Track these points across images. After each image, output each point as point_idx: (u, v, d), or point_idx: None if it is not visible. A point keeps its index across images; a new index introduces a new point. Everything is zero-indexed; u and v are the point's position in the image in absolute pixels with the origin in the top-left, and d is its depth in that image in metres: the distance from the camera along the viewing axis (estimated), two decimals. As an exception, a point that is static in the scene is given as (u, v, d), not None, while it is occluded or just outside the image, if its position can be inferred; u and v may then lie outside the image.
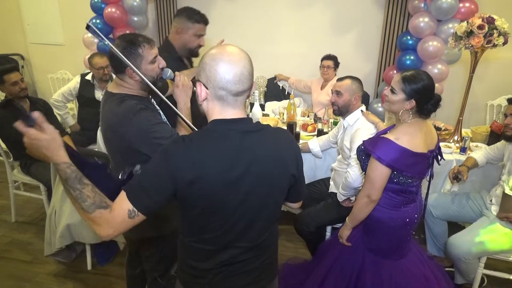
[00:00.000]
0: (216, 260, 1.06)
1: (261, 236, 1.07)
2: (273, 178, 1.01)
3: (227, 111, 0.98)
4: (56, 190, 2.21)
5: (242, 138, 0.97)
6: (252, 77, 0.99)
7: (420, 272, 1.67)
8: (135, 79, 1.37)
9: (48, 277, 2.35)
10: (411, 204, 1.60)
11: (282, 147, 1.03)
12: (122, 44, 1.33)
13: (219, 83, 0.94)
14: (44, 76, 4.71)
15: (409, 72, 1.51)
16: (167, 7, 4.15)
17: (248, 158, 0.96)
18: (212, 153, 0.94)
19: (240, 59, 0.96)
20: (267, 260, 1.14)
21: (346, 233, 1.72)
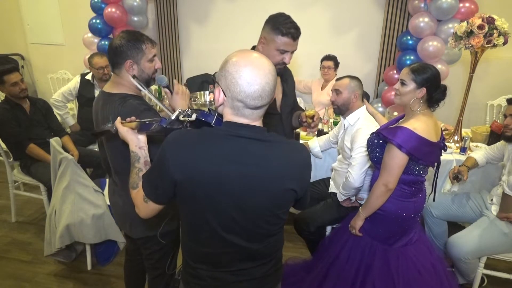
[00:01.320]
0: (214, 264, 1.06)
1: (260, 245, 1.05)
2: (267, 190, 0.96)
3: (240, 119, 0.96)
4: (56, 190, 2.21)
5: (242, 144, 0.94)
6: (273, 92, 0.94)
7: (428, 261, 1.69)
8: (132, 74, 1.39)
9: (48, 277, 2.34)
10: (420, 194, 1.68)
11: (285, 161, 0.98)
12: (127, 36, 1.38)
13: (237, 95, 0.91)
14: (44, 76, 4.71)
15: (416, 64, 1.62)
16: (167, 7, 4.15)
17: (242, 165, 0.94)
18: (206, 155, 0.93)
19: (265, 74, 0.91)
20: (270, 270, 1.11)
21: (359, 223, 1.72)
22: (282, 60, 1.65)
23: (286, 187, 0.98)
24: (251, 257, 1.06)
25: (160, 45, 4.34)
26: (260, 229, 1.02)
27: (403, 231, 1.69)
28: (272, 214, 1.00)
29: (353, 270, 1.71)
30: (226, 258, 1.05)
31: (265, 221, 1.01)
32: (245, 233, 1.01)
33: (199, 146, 0.94)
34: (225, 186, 0.94)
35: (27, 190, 3.04)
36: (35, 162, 2.67)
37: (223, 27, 4.12)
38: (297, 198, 1.05)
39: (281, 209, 1.02)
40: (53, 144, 2.21)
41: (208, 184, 0.94)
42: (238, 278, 1.07)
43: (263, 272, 1.10)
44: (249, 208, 0.97)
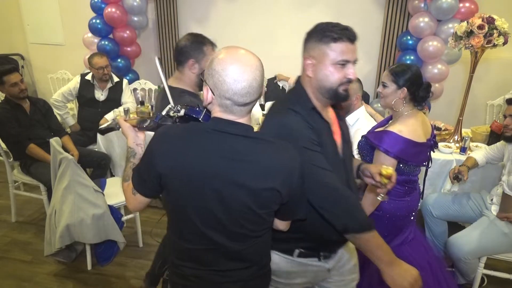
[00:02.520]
0: (198, 262, 1.04)
1: (243, 245, 1.02)
2: (249, 187, 0.94)
3: (228, 116, 0.97)
4: (56, 190, 2.21)
5: (227, 140, 0.95)
6: (261, 87, 0.95)
7: (425, 260, 1.69)
8: (193, 72, 1.55)
9: (48, 277, 2.34)
10: (413, 192, 1.69)
11: (269, 159, 0.96)
12: (192, 38, 1.59)
13: (225, 93, 0.92)
14: (44, 76, 4.70)
15: (395, 65, 1.65)
16: (167, 7, 4.15)
17: (226, 161, 0.94)
18: (190, 149, 0.95)
19: (251, 70, 0.91)
20: (256, 274, 1.09)
21: None
22: (345, 77, 1.16)
23: (268, 185, 0.95)
24: (235, 257, 1.04)
25: (160, 45, 4.34)
26: (242, 228, 1.00)
27: (398, 230, 1.69)
28: (254, 213, 0.98)
29: None
30: (209, 256, 1.03)
31: (247, 220, 0.99)
32: (227, 231, 0.99)
33: (184, 141, 0.96)
34: (208, 181, 0.94)
35: (27, 190, 3.04)
36: (35, 162, 2.67)
37: (223, 27, 4.12)
38: (282, 201, 1.01)
39: (264, 209, 0.99)
40: (53, 144, 2.21)
41: (191, 178, 0.95)
42: (223, 279, 1.05)
43: (248, 275, 1.07)
44: (231, 205, 0.96)
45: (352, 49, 1.14)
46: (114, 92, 3.26)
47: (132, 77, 4.03)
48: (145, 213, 3.01)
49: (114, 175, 3.10)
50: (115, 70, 3.72)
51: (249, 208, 0.96)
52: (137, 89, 4.01)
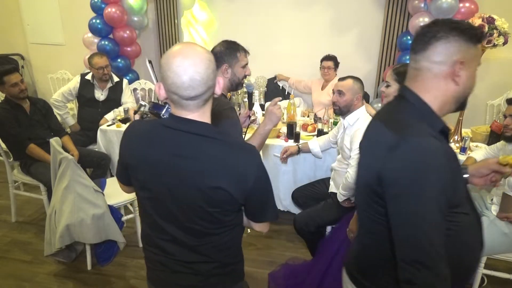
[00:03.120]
0: (160, 249, 1.08)
1: (198, 241, 1.04)
2: (197, 184, 0.96)
3: (179, 111, 0.98)
4: (56, 190, 2.21)
5: (178, 136, 0.97)
6: (207, 81, 0.93)
7: None
8: (226, 76, 1.63)
9: (48, 277, 2.35)
10: None
11: (218, 158, 0.96)
12: (226, 45, 1.64)
13: (170, 87, 0.93)
14: (44, 76, 4.71)
15: (399, 65, 1.65)
16: (167, 7, 4.15)
17: (176, 157, 0.96)
18: (144, 144, 1.01)
19: (193, 64, 0.91)
20: (217, 270, 1.10)
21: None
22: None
23: (215, 184, 0.95)
24: (194, 250, 1.05)
25: (160, 45, 4.34)
26: (196, 224, 1.01)
27: None
28: (204, 210, 0.98)
29: None
30: (169, 245, 1.06)
31: (199, 217, 1.00)
32: (182, 226, 1.02)
33: (141, 136, 1.03)
34: (160, 176, 0.99)
35: (27, 190, 3.04)
36: (35, 162, 2.67)
37: (223, 27, 4.13)
38: (239, 203, 1.00)
39: (215, 207, 0.98)
40: (53, 144, 2.21)
41: (145, 172, 1.01)
42: (184, 269, 1.08)
43: (208, 269, 1.08)
44: (182, 201, 0.98)
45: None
46: (114, 92, 3.26)
47: (132, 77, 4.04)
48: (145, 213, 3.02)
49: (114, 175, 3.10)
50: (115, 70, 3.72)
51: (199, 205, 0.98)
52: (137, 89, 4.01)
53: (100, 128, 3.03)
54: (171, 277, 1.10)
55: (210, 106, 1.01)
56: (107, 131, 3.00)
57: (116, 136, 2.98)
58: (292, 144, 2.62)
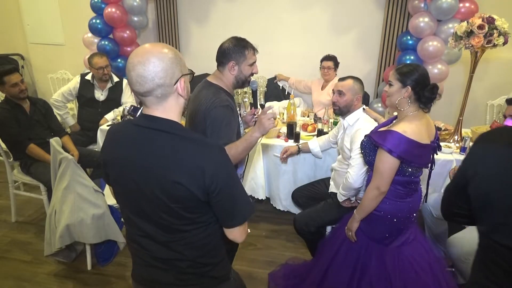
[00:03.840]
0: (139, 244, 1.10)
1: (169, 237, 1.05)
2: (156, 179, 0.98)
3: (146, 110, 1.03)
4: (56, 190, 2.21)
5: (139, 133, 1.01)
6: (154, 78, 0.95)
7: (425, 261, 1.69)
8: (232, 73, 1.65)
9: (48, 277, 2.34)
10: (415, 194, 1.68)
11: (179, 155, 0.97)
12: (235, 41, 1.65)
13: (128, 81, 1.01)
14: (44, 76, 4.71)
15: (403, 65, 1.64)
16: (167, 7, 4.15)
17: (138, 153, 1.00)
18: (115, 143, 1.07)
19: (139, 62, 0.94)
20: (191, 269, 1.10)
21: (355, 225, 1.72)
22: None
23: (174, 179, 0.96)
24: (166, 247, 1.07)
25: (160, 45, 4.34)
26: (162, 220, 1.03)
27: (399, 231, 1.69)
28: (166, 205, 0.99)
29: (350, 271, 1.72)
30: (144, 241, 1.09)
31: (163, 212, 1.01)
32: (152, 220, 1.04)
33: (114, 136, 1.09)
34: (127, 172, 1.03)
35: (27, 190, 3.03)
36: (35, 162, 2.67)
37: (223, 27, 4.13)
38: (200, 200, 0.99)
39: (176, 203, 0.99)
40: (53, 144, 2.21)
41: (116, 169, 1.06)
42: (161, 265, 1.10)
43: (182, 267, 1.09)
44: (148, 195, 1.00)
45: None
46: (114, 92, 3.26)
47: (132, 77, 4.03)
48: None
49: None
50: (115, 70, 3.72)
51: (162, 200, 0.99)
52: (137, 89, 4.01)
53: (100, 128, 3.03)
54: (149, 272, 1.13)
55: (175, 103, 1.02)
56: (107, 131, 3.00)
57: (116, 136, 2.98)
58: (292, 144, 2.62)
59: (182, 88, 1.01)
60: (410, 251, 1.69)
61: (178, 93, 1.01)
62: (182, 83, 1.01)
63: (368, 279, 1.66)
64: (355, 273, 1.70)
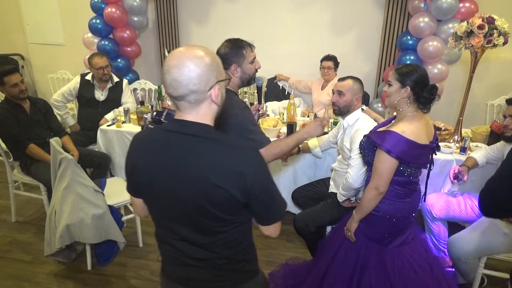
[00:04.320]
0: (173, 247, 1.10)
1: (208, 239, 1.05)
2: (193, 183, 0.97)
3: (177, 112, 1.02)
4: (56, 190, 2.21)
5: (172, 138, 1.00)
6: (188, 84, 0.94)
7: (425, 260, 1.69)
8: (236, 76, 1.65)
9: (48, 277, 2.35)
10: (414, 194, 1.68)
11: (217, 160, 0.97)
12: (230, 45, 1.64)
13: (163, 83, 0.99)
14: (44, 76, 4.71)
15: (402, 65, 1.64)
16: (167, 7, 4.16)
17: (171, 158, 0.99)
18: (144, 149, 1.04)
19: (174, 65, 0.93)
20: (228, 266, 1.12)
21: (354, 226, 1.72)
22: None
23: (214, 183, 0.95)
24: (203, 247, 1.07)
25: (160, 45, 4.34)
26: (201, 224, 1.02)
27: (398, 231, 1.69)
28: (206, 210, 0.99)
29: (350, 271, 1.72)
30: (180, 244, 1.09)
31: (202, 216, 1.01)
32: (188, 225, 1.04)
33: (142, 143, 1.07)
34: (162, 178, 1.01)
35: (27, 190, 3.03)
36: (35, 162, 2.67)
37: (223, 27, 4.13)
38: (240, 202, 1.00)
39: (217, 207, 0.99)
40: (53, 144, 2.21)
41: (147, 176, 1.04)
42: (197, 264, 1.10)
43: (219, 264, 1.10)
44: (185, 201, 1.00)
45: None
46: (114, 92, 3.26)
47: (132, 77, 4.04)
48: (145, 213, 3.02)
49: (114, 175, 3.10)
50: (115, 70, 3.72)
51: (201, 205, 0.99)
52: (137, 89, 4.01)
53: (100, 128, 3.03)
54: (184, 272, 1.13)
55: (208, 109, 1.01)
56: (107, 131, 3.00)
57: (116, 136, 2.98)
58: (292, 144, 2.62)
59: (215, 96, 0.99)
60: (409, 251, 1.69)
61: (211, 99, 1.00)
62: (216, 90, 0.99)
63: (368, 279, 1.66)
64: (355, 273, 1.70)
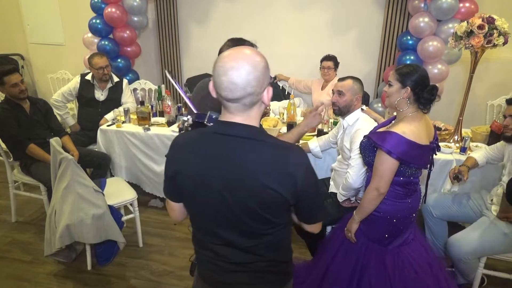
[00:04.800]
0: (214, 252, 1.09)
1: (252, 242, 1.05)
2: (245, 186, 0.97)
3: (225, 114, 1.00)
4: (56, 190, 2.21)
5: (221, 141, 0.98)
6: (246, 87, 0.92)
7: (425, 261, 1.69)
8: None
9: (48, 277, 2.35)
10: (414, 194, 1.68)
11: (264, 159, 0.96)
12: (232, 44, 1.62)
13: (214, 86, 0.96)
14: (44, 76, 4.71)
15: (403, 65, 1.64)
16: (167, 7, 4.15)
17: (220, 161, 0.97)
18: (189, 152, 1.02)
19: (236, 67, 0.91)
20: (269, 268, 1.12)
21: (354, 226, 1.72)
22: None
23: (266, 186, 0.95)
24: (247, 251, 1.07)
25: (160, 45, 4.34)
26: (248, 227, 1.02)
27: (399, 231, 1.69)
28: (255, 212, 0.99)
29: (350, 271, 1.72)
30: (220, 249, 1.08)
31: (250, 219, 1.00)
32: (234, 229, 1.03)
33: (186, 146, 1.03)
34: (210, 182, 0.99)
35: (27, 190, 3.03)
36: (35, 162, 2.67)
37: (223, 27, 4.13)
38: (289, 203, 1.00)
39: (266, 209, 0.99)
40: (53, 144, 2.21)
41: (193, 179, 1.01)
42: (236, 268, 1.10)
43: (262, 267, 1.10)
44: (234, 204, 0.99)
45: None
46: (114, 92, 3.26)
47: (132, 77, 4.04)
48: (145, 213, 3.02)
49: (114, 175, 3.10)
50: (115, 70, 3.72)
51: (251, 208, 0.98)
52: (137, 89, 4.01)
53: (100, 128, 3.03)
54: (223, 276, 1.12)
55: (258, 110, 1.01)
56: (107, 131, 3.00)
57: (116, 136, 2.98)
58: (292, 144, 2.62)
59: (268, 98, 0.99)
60: (409, 251, 1.69)
61: (262, 100, 0.99)
62: (270, 91, 0.99)
63: (368, 280, 1.66)
64: (355, 274, 1.70)
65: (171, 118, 3.00)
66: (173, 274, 2.38)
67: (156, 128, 2.94)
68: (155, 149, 2.90)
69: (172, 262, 2.49)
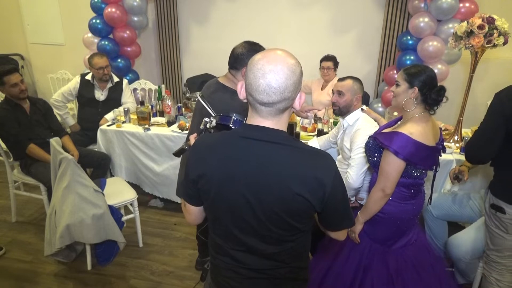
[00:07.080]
0: (232, 258, 1.07)
1: (275, 248, 1.03)
2: (273, 193, 0.94)
3: (255, 117, 0.97)
4: (56, 190, 2.21)
5: (250, 145, 0.95)
6: (284, 91, 0.90)
7: (427, 261, 1.69)
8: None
9: (48, 277, 2.35)
10: (418, 195, 1.68)
11: (293, 164, 0.94)
12: (248, 47, 1.69)
13: (248, 88, 0.93)
14: (44, 76, 4.71)
15: (411, 65, 1.64)
16: (167, 7, 4.15)
17: (249, 166, 0.95)
18: (215, 156, 0.98)
19: (275, 71, 0.88)
20: (290, 274, 1.10)
21: (359, 227, 1.71)
22: None
23: (294, 192, 0.93)
24: (267, 258, 1.05)
25: (160, 45, 4.34)
26: (272, 233, 1.00)
27: (402, 232, 1.69)
28: (281, 218, 0.97)
29: (352, 271, 1.71)
30: (243, 255, 1.05)
31: (275, 225, 0.98)
32: (259, 235, 1.01)
33: (210, 149, 1.00)
34: (235, 187, 0.96)
35: (27, 190, 3.03)
36: (35, 162, 2.67)
37: (223, 27, 4.13)
38: (315, 210, 0.99)
39: (293, 216, 0.97)
40: (53, 144, 2.21)
41: (217, 184, 0.98)
42: (255, 275, 1.08)
43: (281, 273, 1.08)
44: (259, 211, 0.96)
45: None
46: (114, 92, 3.26)
47: (132, 77, 4.04)
48: (145, 213, 3.02)
49: (114, 175, 3.10)
50: (115, 70, 3.72)
51: (277, 214, 0.96)
52: (137, 89, 4.01)
53: (100, 128, 3.03)
54: (242, 284, 1.10)
55: (287, 115, 0.99)
56: (107, 131, 3.00)
57: (116, 136, 2.98)
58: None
59: (300, 104, 0.97)
60: (412, 252, 1.68)
61: (293, 106, 0.97)
62: (303, 97, 0.98)
63: (370, 281, 1.66)
64: (357, 274, 1.70)
65: (171, 118, 3.00)
66: (173, 274, 2.38)
67: (156, 128, 2.94)
68: (155, 149, 2.90)
69: (172, 262, 2.49)
